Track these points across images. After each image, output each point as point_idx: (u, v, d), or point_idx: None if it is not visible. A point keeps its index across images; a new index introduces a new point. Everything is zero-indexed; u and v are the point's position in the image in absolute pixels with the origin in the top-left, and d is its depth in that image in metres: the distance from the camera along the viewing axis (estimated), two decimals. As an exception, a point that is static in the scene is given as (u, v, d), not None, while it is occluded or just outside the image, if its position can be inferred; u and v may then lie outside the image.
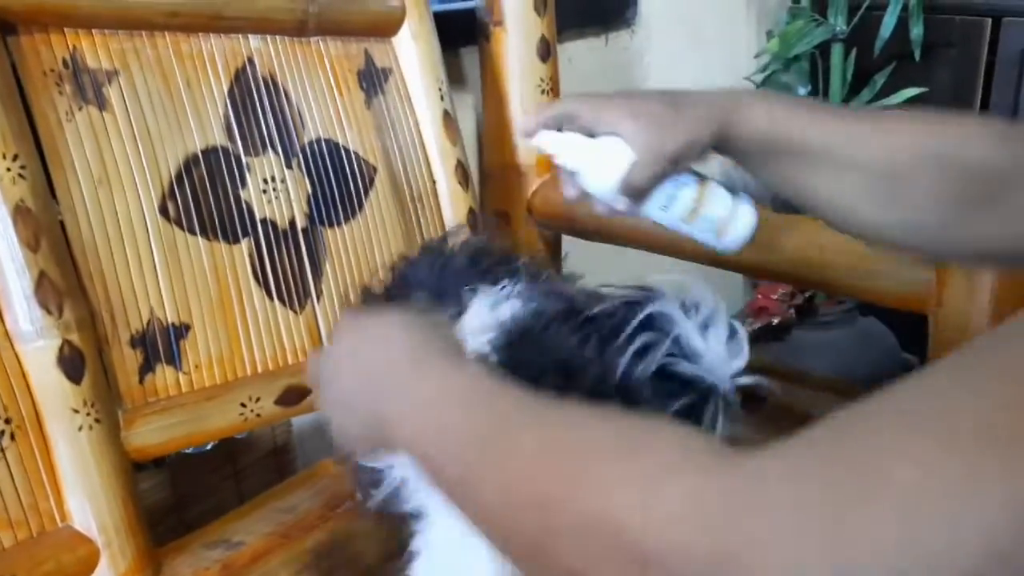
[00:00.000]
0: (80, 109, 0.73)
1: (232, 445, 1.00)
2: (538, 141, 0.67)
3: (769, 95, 0.65)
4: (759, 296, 1.59)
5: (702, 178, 0.68)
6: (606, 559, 0.31)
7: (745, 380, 0.56)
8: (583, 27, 1.38)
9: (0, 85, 0.67)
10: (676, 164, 0.64)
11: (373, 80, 0.96)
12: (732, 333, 0.56)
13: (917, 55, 1.45)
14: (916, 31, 1.43)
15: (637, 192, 0.64)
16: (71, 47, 0.73)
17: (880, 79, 1.49)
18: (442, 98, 1.01)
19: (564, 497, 0.34)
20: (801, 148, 0.61)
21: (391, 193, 0.95)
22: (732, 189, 0.69)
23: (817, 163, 0.61)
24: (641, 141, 0.62)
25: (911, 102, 1.47)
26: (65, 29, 0.73)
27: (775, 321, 1.53)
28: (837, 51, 1.49)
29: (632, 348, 0.53)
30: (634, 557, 0.30)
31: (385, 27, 0.97)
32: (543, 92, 1.14)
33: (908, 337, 1.55)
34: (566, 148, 0.65)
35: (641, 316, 0.55)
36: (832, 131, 0.60)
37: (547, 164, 1.17)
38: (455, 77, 1.17)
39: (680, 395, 0.54)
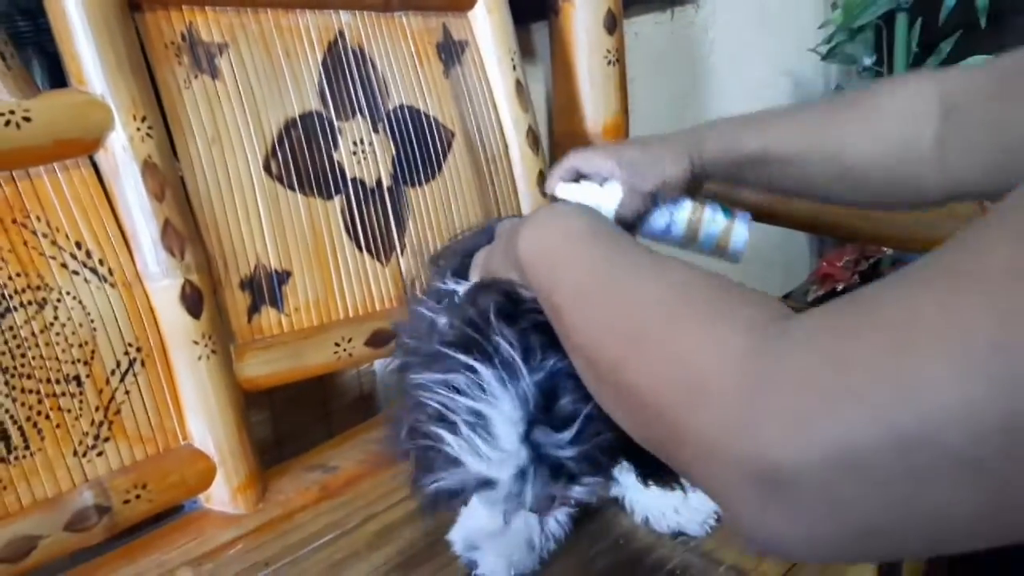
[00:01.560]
0: (196, 78, 0.83)
1: (324, 391, 1.09)
2: (555, 191, 0.81)
3: (721, 123, 0.79)
4: (824, 263, 1.62)
5: (698, 203, 0.82)
6: (670, 384, 0.36)
7: None
8: (649, 2, 1.44)
9: (130, 56, 0.77)
10: (655, 198, 0.79)
11: (451, 51, 1.04)
12: None
13: (983, 22, 1.46)
14: (982, -2, 1.45)
15: (628, 223, 0.79)
16: (187, 22, 0.83)
17: (946, 47, 1.50)
18: (514, 68, 1.08)
19: (652, 334, 0.38)
20: (760, 157, 0.73)
21: (467, 156, 1.03)
22: (726, 208, 0.83)
23: (777, 165, 0.73)
24: (626, 183, 0.77)
25: (978, 69, 1.48)
26: (183, 6, 0.82)
27: (840, 287, 1.56)
28: (902, 20, 1.51)
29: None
30: (692, 386, 0.34)
31: (461, 2, 1.05)
32: (609, 63, 1.20)
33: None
34: (574, 193, 0.79)
35: None
36: (776, 137, 0.73)
37: (614, 132, 1.23)
38: (527, 51, 1.23)
39: None
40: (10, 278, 0.71)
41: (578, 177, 0.81)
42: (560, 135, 1.26)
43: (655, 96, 1.48)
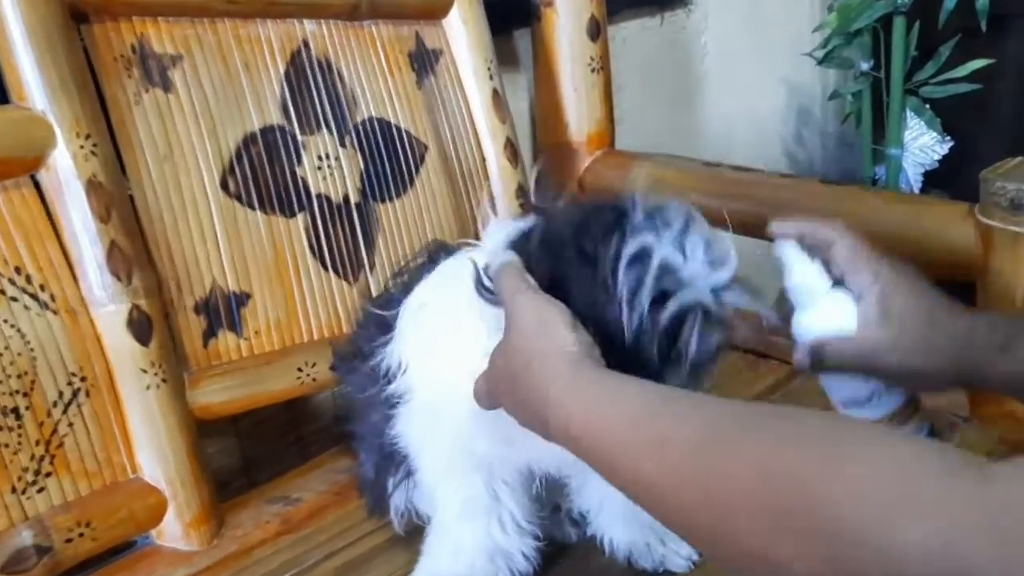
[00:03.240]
0: (147, 91, 0.79)
1: (296, 413, 1.05)
2: (782, 246, 0.64)
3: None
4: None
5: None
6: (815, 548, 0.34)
7: (732, 294, 0.56)
8: (637, 7, 1.39)
9: (74, 70, 0.73)
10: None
11: (424, 61, 1.00)
12: (710, 244, 0.56)
13: (983, 25, 1.41)
14: (981, 1, 1.40)
15: (822, 361, 0.62)
16: (139, 34, 0.79)
17: (945, 51, 1.45)
18: (491, 77, 1.04)
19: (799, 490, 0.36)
20: None
21: (441, 170, 0.99)
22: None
23: None
24: (868, 333, 0.59)
25: (978, 74, 1.43)
26: (133, 17, 0.79)
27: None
28: (900, 24, 1.46)
29: (621, 269, 0.54)
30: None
31: (435, 10, 1.01)
32: (593, 71, 1.16)
33: (960, 298, 1.51)
34: (800, 272, 0.63)
35: (625, 246, 0.55)
36: None
37: (598, 141, 1.19)
38: (508, 59, 1.19)
39: (661, 309, 0.54)
40: (-58, 306, 0.67)
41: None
42: (543, 145, 1.22)
43: (645, 104, 1.43)
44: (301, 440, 1.06)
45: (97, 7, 0.76)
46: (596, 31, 1.14)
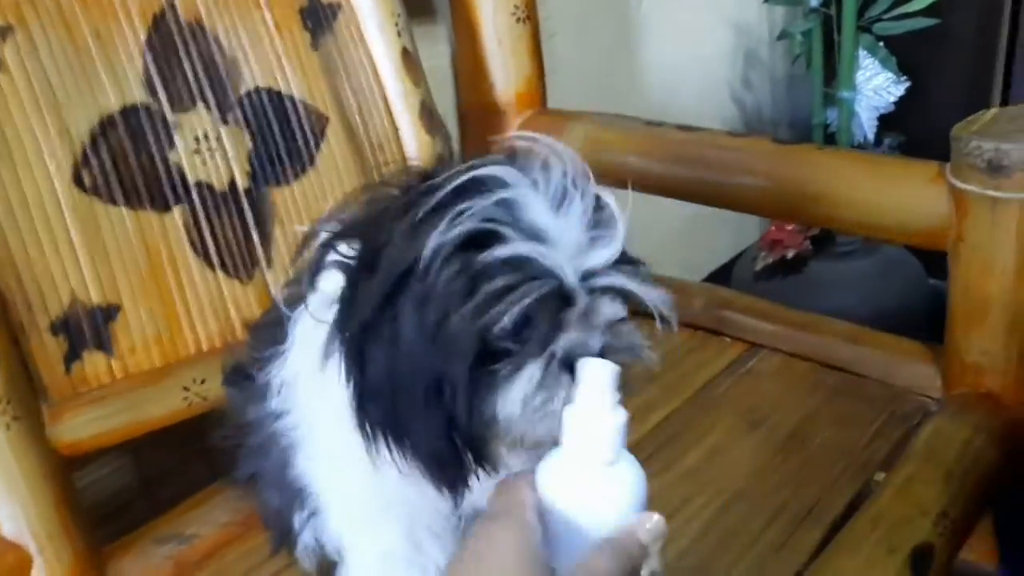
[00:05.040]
0: (-31, 72, 0.65)
1: (200, 420, 0.94)
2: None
3: None
4: (773, 228, 1.49)
5: None
6: None
7: (611, 280, 0.44)
8: (567, -55, 1.26)
9: None
10: None
11: (319, 18, 0.86)
12: (599, 212, 0.44)
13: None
14: (937, -74, 1.30)
15: None
16: (-47, 2, 0.65)
17: (899, -15, 1.36)
18: (399, 34, 0.91)
19: None
20: None
21: (347, 143, 0.86)
22: None
23: None
24: None
25: (934, 8, 1.33)
26: (-55, -19, 0.65)
27: (790, 254, 1.43)
28: (850, -46, 1.36)
29: (444, 220, 0.42)
30: None
31: (329, -42, 0.88)
32: (519, 20, 1.04)
33: (935, 263, 1.44)
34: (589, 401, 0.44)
35: (462, 179, 0.43)
36: None
37: (528, 100, 1.07)
38: (422, 9, 1.06)
39: (508, 288, 0.42)
40: None
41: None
42: (467, 107, 1.10)
43: (579, 53, 1.32)
44: (207, 451, 0.95)
45: None
46: (518, -25, 1.02)
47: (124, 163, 0.72)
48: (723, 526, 0.71)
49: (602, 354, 0.45)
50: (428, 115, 0.94)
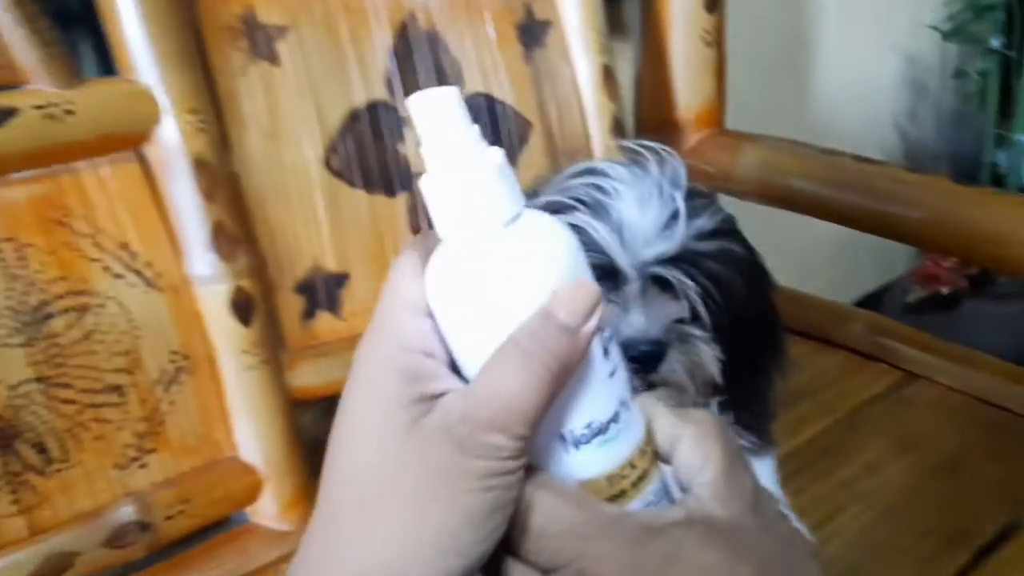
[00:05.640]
0: (254, 64, 0.76)
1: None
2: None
3: None
4: (928, 262, 1.50)
5: None
6: None
7: (661, 269, 0.48)
8: (752, -28, 1.31)
9: (183, 41, 0.71)
10: None
11: (533, 33, 0.95)
12: (675, 214, 0.48)
13: None
14: None
15: None
16: (246, 3, 0.76)
17: (1088, 29, 1.35)
18: (601, 52, 0.99)
19: None
20: None
21: (545, 149, 0.95)
22: None
23: None
24: None
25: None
26: (242, -14, 0.76)
27: (944, 291, 1.44)
28: (1038, -3, 1.36)
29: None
30: None
31: (547, -22, 0.96)
32: (707, 44, 1.10)
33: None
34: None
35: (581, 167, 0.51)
36: None
37: (707, 120, 1.13)
38: (615, 28, 1.14)
39: None
40: (51, 282, 0.66)
41: None
42: (646, 121, 1.17)
43: (749, 71, 1.36)
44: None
45: (207, -24, 0.74)
46: (713, 2, 1.08)
47: (364, 151, 0.82)
48: (873, 537, 0.75)
49: (658, 348, 0.48)
50: (618, 128, 1.01)
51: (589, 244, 0.47)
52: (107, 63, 0.73)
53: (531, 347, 0.29)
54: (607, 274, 0.48)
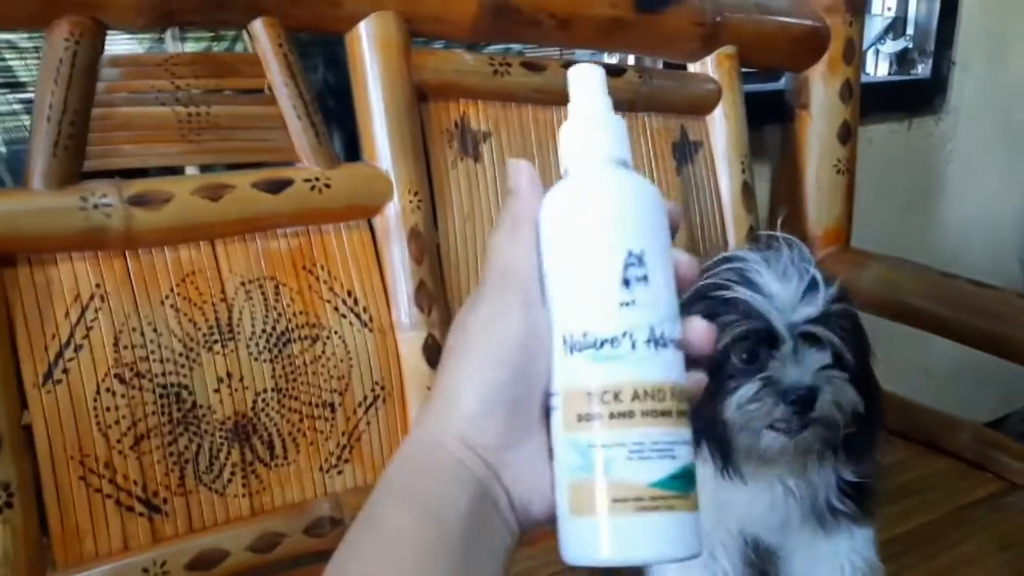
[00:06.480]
0: (462, 160, 0.95)
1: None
2: None
3: None
4: (1047, 394, 1.54)
5: None
6: None
7: (810, 327, 0.61)
8: (887, 111, 1.45)
9: (413, 139, 0.90)
10: None
11: (685, 151, 1.11)
12: (813, 284, 0.61)
13: None
14: None
15: None
16: (462, 112, 0.96)
17: None
18: (743, 171, 1.14)
19: None
20: None
21: (687, 250, 1.09)
22: None
23: None
24: None
25: None
26: (460, 99, 0.96)
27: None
28: None
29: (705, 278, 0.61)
30: None
31: (702, 106, 1.13)
32: (839, 172, 1.23)
33: None
34: None
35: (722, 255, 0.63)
36: None
37: (833, 237, 1.25)
38: (755, 149, 1.29)
39: (737, 325, 0.61)
40: (295, 314, 0.85)
41: None
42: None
43: (881, 202, 1.48)
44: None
45: (435, 89, 0.94)
46: (847, 135, 1.22)
47: (539, 237, 0.99)
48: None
49: (811, 390, 0.61)
50: (753, 237, 1.15)
51: (749, 313, 0.62)
52: (349, 153, 0.93)
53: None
54: (765, 336, 0.62)
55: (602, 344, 0.37)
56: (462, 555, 0.36)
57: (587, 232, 0.38)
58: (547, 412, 0.38)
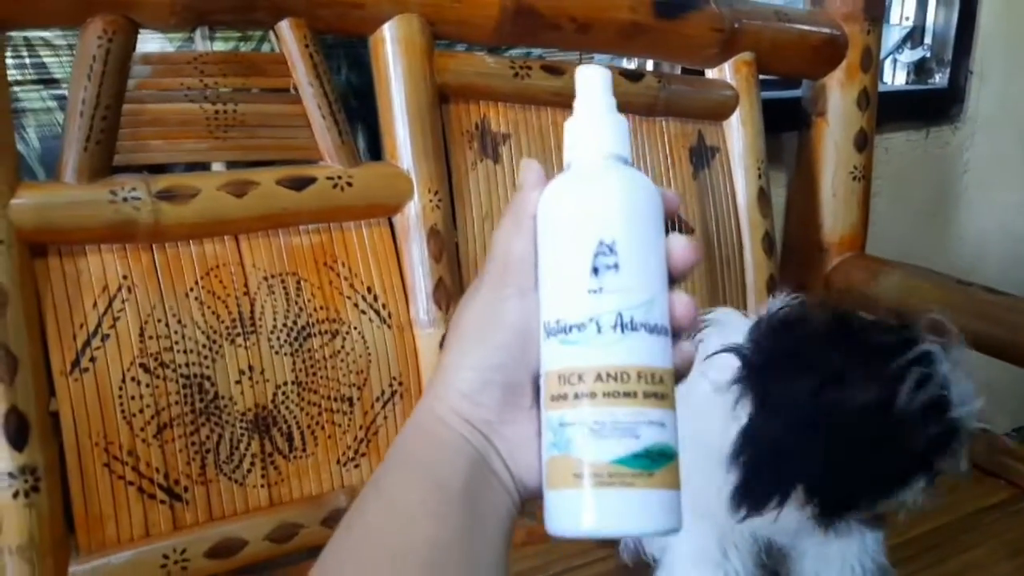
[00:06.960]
0: (481, 161, 0.97)
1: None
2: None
3: None
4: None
5: None
6: None
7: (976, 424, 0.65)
8: (904, 120, 1.46)
9: (434, 139, 0.92)
10: None
11: (702, 156, 1.13)
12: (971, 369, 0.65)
13: None
14: None
15: None
16: (482, 114, 0.97)
17: None
18: (759, 176, 1.15)
19: None
20: None
21: (704, 254, 1.11)
22: None
23: None
24: None
25: None
26: (480, 101, 0.97)
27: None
28: None
29: (911, 379, 0.63)
30: None
31: (719, 112, 1.14)
32: (855, 179, 1.24)
33: None
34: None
35: (917, 351, 0.65)
36: None
37: (849, 244, 1.26)
38: (772, 156, 1.30)
39: (934, 425, 0.64)
40: (315, 309, 0.86)
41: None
42: (793, 241, 1.31)
43: (898, 211, 1.49)
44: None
45: (456, 91, 0.95)
46: (863, 143, 1.23)
47: (556, 238, 1.00)
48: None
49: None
50: (768, 242, 1.16)
51: (959, 424, 0.66)
52: (372, 152, 0.95)
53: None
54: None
55: (570, 329, 0.39)
56: (466, 518, 0.39)
57: (564, 222, 0.40)
58: (538, 392, 0.41)
